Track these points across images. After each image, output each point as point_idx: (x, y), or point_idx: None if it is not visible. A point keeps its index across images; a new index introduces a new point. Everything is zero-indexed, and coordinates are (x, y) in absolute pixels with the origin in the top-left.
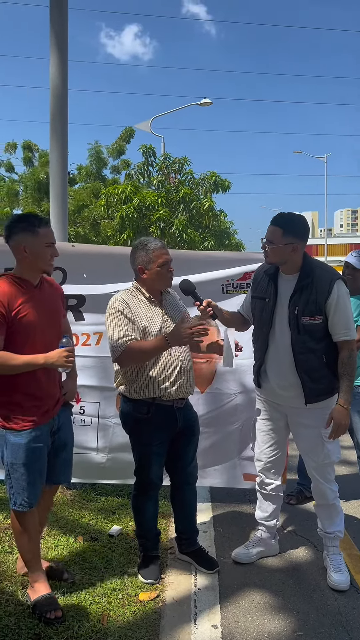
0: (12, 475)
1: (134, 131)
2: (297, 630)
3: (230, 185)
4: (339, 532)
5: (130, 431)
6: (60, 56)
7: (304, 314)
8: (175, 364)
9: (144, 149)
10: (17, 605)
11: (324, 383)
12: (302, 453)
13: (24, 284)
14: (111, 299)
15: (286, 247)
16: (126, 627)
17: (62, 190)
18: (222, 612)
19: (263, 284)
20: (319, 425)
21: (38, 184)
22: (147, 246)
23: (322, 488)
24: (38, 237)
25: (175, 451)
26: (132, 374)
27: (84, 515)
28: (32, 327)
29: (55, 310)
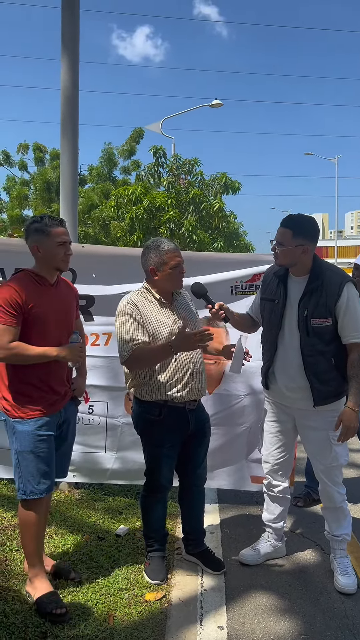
0: (21, 463)
1: (143, 132)
2: (303, 632)
3: (240, 187)
4: (346, 535)
5: (141, 433)
6: (71, 57)
7: (313, 316)
8: (187, 367)
9: (154, 150)
10: (23, 604)
11: (333, 385)
12: (310, 456)
13: (41, 280)
14: (121, 301)
15: (296, 249)
16: (132, 627)
17: (72, 191)
18: (228, 613)
19: (272, 286)
20: (327, 428)
21: (47, 185)
22: (160, 247)
23: (330, 491)
24: (50, 236)
25: (186, 453)
26: (143, 378)
27: (91, 514)
28: (45, 322)
29: (69, 310)
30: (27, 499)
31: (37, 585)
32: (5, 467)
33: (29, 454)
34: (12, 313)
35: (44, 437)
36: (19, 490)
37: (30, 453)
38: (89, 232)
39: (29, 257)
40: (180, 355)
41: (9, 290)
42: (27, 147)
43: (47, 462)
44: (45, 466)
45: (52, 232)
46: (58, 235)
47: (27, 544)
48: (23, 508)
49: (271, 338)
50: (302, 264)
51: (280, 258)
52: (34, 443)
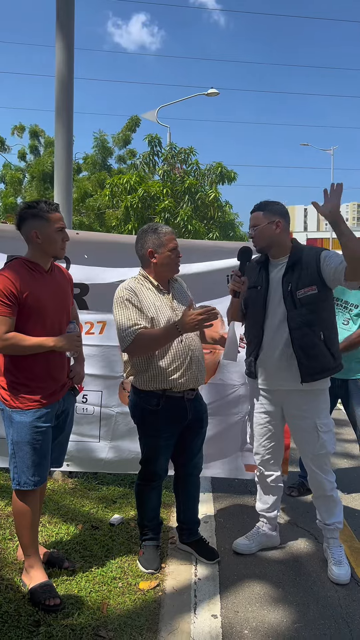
0: (17, 453)
1: (139, 120)
2: (297, 621)
3: (236, 177)
4: (338, 523)
5: (139, 422)
6: (66, 44)
7: (298, 288)
8: (186, 354)
9: (149, 139)
10: (17, 592)
11: (320, 361)
12: (298, 444)
13: (35, 268)
14: (119, 287)
15: (269, 225)
16: (126, 615)
17: (66, 179)
18: (222, 602)
19: (254, 274)
20: (313, 416)
21: (43, 175)
22: (158, 230)
23: (319, 479)
24: (49, 222)
25: (183, 442)
26: (142, 364)
27: (85, 503)
28: (42, 310)
29: (65, 296)
30: (21, 489)
31: (33, 574)
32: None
33: (26, 445)
34: (7, 303)
35: (42, 428)
36: (13, 480)
37: (26, 444)
38: (84, 221)
39: (23, 245)
40: (180, 343)
41: (3, 280)
42: (22, 129)
43: (42, 453)
44: (41, 458)
45: (51, 218)
46: (57, 221)
47: (22, 534)
48: (17, 498)
49: (257, 325)
50: (280, 244)
51: (258, 239)
52: (31, 434)
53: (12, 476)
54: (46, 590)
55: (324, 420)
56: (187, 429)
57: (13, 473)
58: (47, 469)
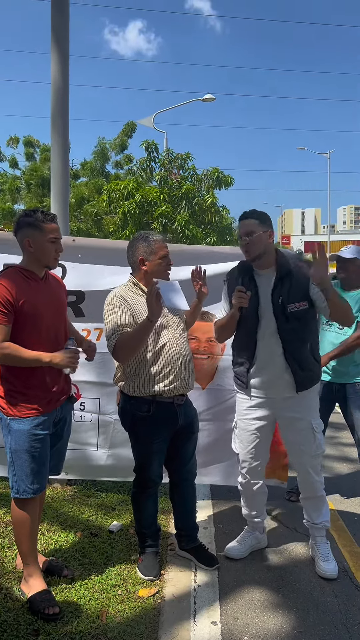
0: (15, 462)
1: (135, 125)
2: (297, 627)
3: (232, 181)
4: (326, 522)
5: (129, 429)
6: (61, 50)
7: (289, 302)
8: (177, 360)
9: (146, 145)
10: (16, 601)
11: (311, 370)
12: (293, 447)
13: (30, 275)
14: (109, 295)
15: (264, 235)
16: (125, 623)
17: (63, 185)
18: (221, 608)
19: (239, 282)
20: (308, 416)
21: (42, 180)
22: (149, 238)
23: (312, 481)
24: (43, 232)
25: (175, 448)
26: (133, 370)
27: (83, 511)
28: (38, 317)
29: (60, 303)
30: (21, 498)
31: (32, 583)
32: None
33: (24, 453)
34: (3, 311)
35: (40, 436)
36: (12, 488)
37: (25, 452)
38: (81, 227)
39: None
40: (170, 349)
41: None
42: (17, 141)
43: (41, 461)
44: (39, 466)
45: (45, 228)
46: (51, 231)
47: (21, 543)
48: (16, 507)
49: (250, 335)
50: (269, 254)
51: (252, 249)
52: (29, 442)
53: (10, 484)
54: (45, 599)
55: (317, 420)
56: (178, 435)
57: (12, 481)
58: (45, 477)
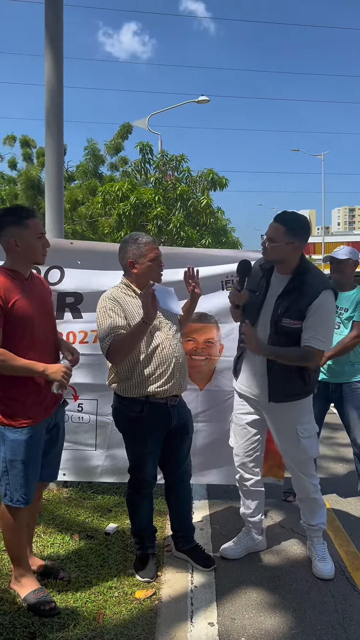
0: (10, 472)
1: (131, 127)
2: (294, 627)
3: (227, 183)
4: (322, 524)
5: (123, 430)
6: (55, 52)
7: (284, 316)
8: (170, 361)
9: (140, 146)
10: (11, 604)
11: (290, 386)
12: (280, 449)
13: (16, 276)
14: (101, 297)
15: (286, 247)
16: (122, 625)
17: (57, 187)
18: (218, 609)
19: (256, 278)
20: (294, 422)
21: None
22: (138, 240)
23: (303, 482)
24: (28, 229)
25: (169, 450)
26: (126, 372)
27: (80, 513)
28: (29, 318)
29: (48, 303)
30: (13, 506)
31: (24, 582)
32: None
33: (20, 463)
34: None
35: (37, 445)
36: (5, 496)
37: (21, 463)
38: (76, 229)
39: None
40: (164, 350)
41: None
42: (13, 139)
43: (35, 470)
44: (34, 474)
45: (30, 224)
46: (36, 227)
47: (10, 548)
48: (8, 514)
49: None
50: (289, 263)
51: (270, 253)
52: (26, 452)
53: (3, 492)
54: (40, 596)
55: (305, 425)
56: (173, 436)
57: (5, 490)
58: (35, 485)
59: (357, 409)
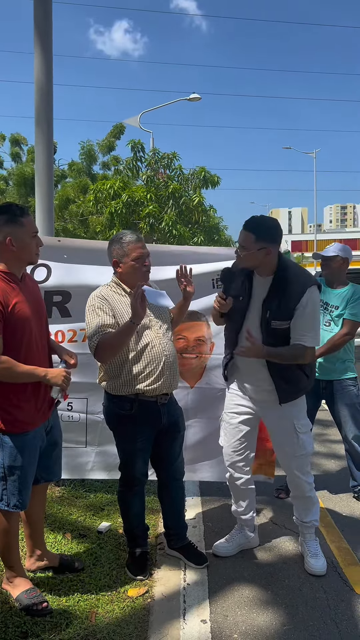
0: (8, 477)
1: (124, 127)
2: (287, 623)
3: (219, 181)
4: (315, 521)
5: (113, 428)
6: (44, 49)
7: (274, 318)
8: (159, 360)
9: (132, 144)
10: (3, 604)
11: (296, 384)
12: (277, 446)
13: (11, 278)
14: (91, 295)
15: (259, 253)
16: (115, 623)
17: (47, 185)
18: (211, 606)
19: (238, 282)
20: (292, 417)
21: (23, 180)
22: (122, 239)
23: (298, 481)
24: (24, 227)
25: (161, 448)
26: (115, 370)
27: (72, 511)
28: (27, 321)
29: (41, 303)
30: (10, 511)
31: (17, 582)
32: None
33: (19, 469)
34: None
35: (35, 449)
36: (1, 500)
37: (20, 469)
38: (68, 227)
39: None
40: (153, 348)
41: None
42: (3, 138)
43: (32, 473)
44: (31, 478)
45: (25, 222)
46: (32, 226)
47: (2, 550)
48: (2, 517)
49: (232, 335)
50: (267, 266)
51: (244, 262)
52: (24, 458)
53: (0, 497)
54: (33, 596)
55: (302, 420)
56: (164, 434)
57: (2, 494)
58: (30, 489)
59: (348, 405)
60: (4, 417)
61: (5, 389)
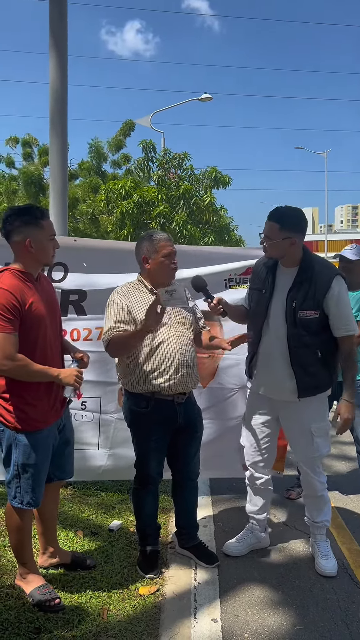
0: (22, 475)
1: (134, 124)
2: (297, 624)
3: (230, 181)
4: (326, 521)
5: (130, 425)
6: (59, 52)
7: (301, 308)
8: (174, 358)
9: (143, 144)
10: (17, 600)
11: (318, 378)
12: (292, 446)
13: (27, 277)
14: (113, 291)
15: (284, 242)
16: (126, 621)
17: (62, 185)
18: (222, 606)
19: (261, 276)
20: (309, 420)
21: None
22: (153, 237)
23: (311, 480)
24: (43, 230)
25: (178, 447)
26: (129, 367)
27: (84, 510)
28: (42, 320)
29: (55, 302)
30: (23, 509)
31: (30, 579)
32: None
33: (32, 467)
34: (10, 318)
35: (48, 448)
36: (15, 498)
37: (33, 467)
38: (78, 227)
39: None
40: (169, 346)
41: (4, 294)
42: (16, 141)
43: (45, 471)
44: (44, 476)
45: (44, 225)
46: (50, 228)
47: (16, 547)
48: (16, 515)
49: (256, 328)
50: (292, 256)
51: (269, 251)
52: (37, 456)
53: (12, 494)
54: (46, 592)
55: (320, 423)
56: (181, 434)
57: (15, 492)
58: (44, 487)
59: (359, 407)
60: (17, 416)
61: (19, 388)
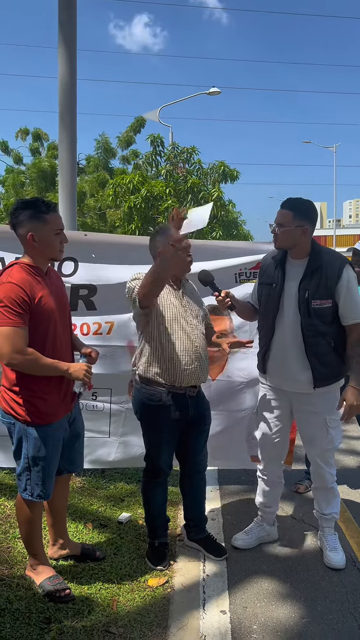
0: (32, 468)
1: (144, 121)
2: (305, 616)
3: (238, 175)
4: (335, 513)
5: (141, 418)
6: (68, 46)
7: (314, 298)
8: (190, 349)
9: (151, 139)
10: (27, 590)
11: (332, 367)
12: (306, 439)
13: (36, 271)
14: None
15: (296, 230)
16: (135, 612)
17: (70, 180)
18: (230, 598)
19: (270, 270)
20: (324, 412)
21: (42, 174)
22: (167, 231)
23: (322, 472)
24: (47, 224)
25: (186, 440)
26: (146, 359)
27: (93, 502)
28: (52, 314)
29: (64, 296)
30: (33, 501)
31: (40, 569)
32: (5, 454)
33: (43, 460)
34: (19, 312)
35: (58, 441)
36: (25, 490)
37: (43, 460)
38: (86, 221)
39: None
40: (184, 339)
41: (13, 288)
42: (26, 133)
43: (55, 464)
44: (54, 469)
45: (48, 219)
46: (55, 223)
47: (26, 539)
48: (26, 507)
49: (268, 322)
50: (301, 246)
51: (280, 239)
52: (50, 449)
53: (23, 487)
54: (56, 583)
55: (334, 416)
56: (190, 427)
57: (26, 485)
58: (54, 479)
59: None
60: (28, 409)
61: (29, 381)
